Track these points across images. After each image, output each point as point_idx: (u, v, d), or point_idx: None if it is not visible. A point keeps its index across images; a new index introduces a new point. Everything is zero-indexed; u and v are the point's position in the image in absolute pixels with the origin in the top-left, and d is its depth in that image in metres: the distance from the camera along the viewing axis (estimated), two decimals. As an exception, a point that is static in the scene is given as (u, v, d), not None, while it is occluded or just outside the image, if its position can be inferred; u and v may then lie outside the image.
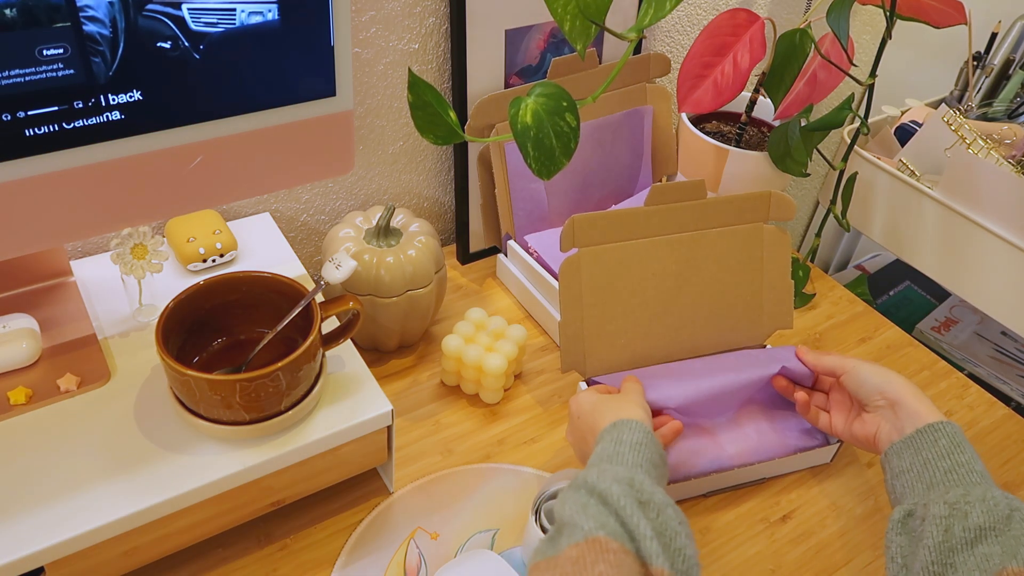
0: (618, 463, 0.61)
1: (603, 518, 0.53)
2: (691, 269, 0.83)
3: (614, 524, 0.53)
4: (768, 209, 0.84)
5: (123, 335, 0.72)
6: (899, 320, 1.07)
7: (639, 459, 0.61)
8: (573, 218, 0.77)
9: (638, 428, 0.64)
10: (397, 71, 0.92)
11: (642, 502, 0.55)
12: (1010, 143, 0.98)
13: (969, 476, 0.61)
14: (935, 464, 0.63)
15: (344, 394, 0.69)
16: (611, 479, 0.56)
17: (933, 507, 0.60)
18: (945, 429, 0.65)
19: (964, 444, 0.64)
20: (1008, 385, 1.15)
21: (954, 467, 0.62)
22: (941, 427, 0.65)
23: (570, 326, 0.80)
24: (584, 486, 0.57)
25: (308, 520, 0.73)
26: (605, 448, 0.63)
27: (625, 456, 0.62)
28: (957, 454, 0.63)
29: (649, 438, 0.64)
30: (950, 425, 0.65)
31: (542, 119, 0.64)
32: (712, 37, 0.92)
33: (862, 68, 0.94)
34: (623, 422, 0.65)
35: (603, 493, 0.55)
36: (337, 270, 0.68)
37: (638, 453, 0.62)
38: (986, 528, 0.57)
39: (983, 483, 0.61)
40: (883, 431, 0.70)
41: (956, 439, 0.64)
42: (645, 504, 0.55)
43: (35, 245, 0.59)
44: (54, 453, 0.62)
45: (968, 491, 0.60)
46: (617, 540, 0.52)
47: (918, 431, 0.66)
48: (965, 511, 0.58)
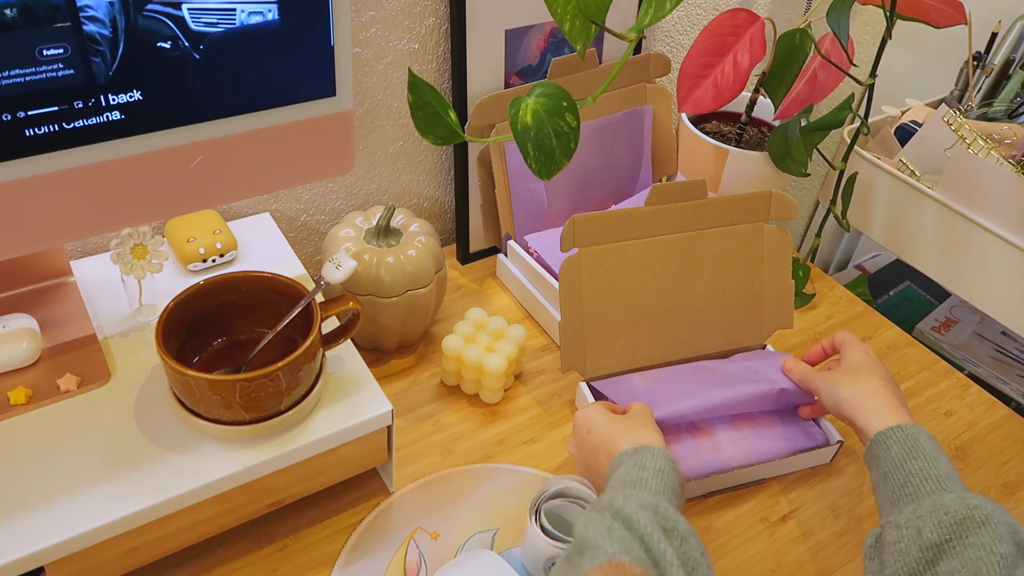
0: (642, 488, 0.60)
1: (628, 543, 0.53)
2: (691, 269, 0.83)
3: (639, 550, 0.53)
4: (769, 209, 0.84)
5: (123, 335, 0.72)
6: (899, 320, 1.07)
7: (662, 486, 0.61)
8: (573, 218, 0.77)
9: (661, 455, 0.64)
10: (397, 71, 0.92)
11: (667, 529, 0.55)
12: (1010, 143, 0.98)
13: (923, 485, 0.60)
14: (892, 477, 0.63)
15: (344, 394, 0.69)
16: (636, 504, 0.56)
17: (888, 532, 0.59)
18: (896, 435, 0.64)
19: (917, 448, 0.63)
20: (1008, 385, 1.15)
21: (908, 478, 0.61)
22: (892, 434, 0.64)
23: (570, 326, 0.80)
24: (609, 509, 0.56)
25: (308, 520, 0.73)
26: (628, 472, 0.63)
27: (649, 482, 0.61)
28: (911, 462, 0.62)
29: (671, 466, 0.64)
30: (900, 429, 0.64)
31: (542, 119, 0.64)
32: (712, 37, 0.92)
33: (862, 68, 0.93)
34: (645, 448, 0.65)
35: (628, 518, 0.55)
36: (337, 270, 0.68)
37: (661, 480, 0.62)
38: (941, 543, 0.56)
39: (937, 490, 0.60)
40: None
41: (908, 444, 0.63)
42: (670, 532, 0.55)
43: (35, 245, 0.59)
44: (54, 453, 0.62)
45: (920, 504, 0.59)
46: (641, 566, 0.51)
47: (871, 442, 0.66)
48: (918, 527, 0.57)
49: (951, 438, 0.88)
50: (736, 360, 0.85)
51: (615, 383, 0.82)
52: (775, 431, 0.80)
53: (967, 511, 0.57)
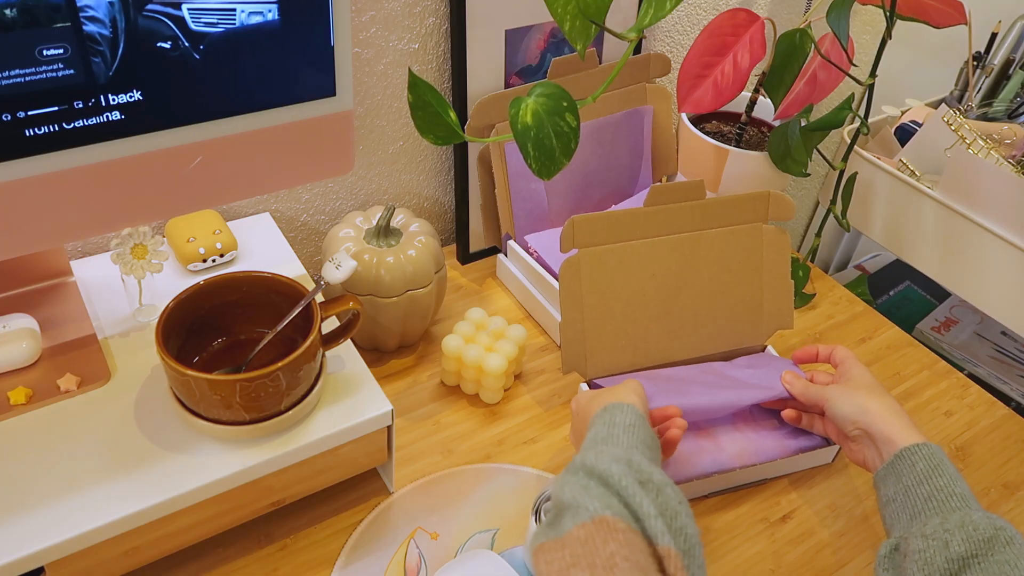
0: (614, 444, 0.61)
1: (607, 499, 0.53)
2: (691, 269, 0.83)
3: (618, 504, 0.53)
4: (767, 209, 0.84)
5: (123, 335, 0.72)
6: (899, 320, 1.07)
7: (633, 440, 0.61)
8: (573, 219, 0.77)
9: (630, 411, 0.64)
10: (397, 71, 0.92)
11: (642, 482, 0.55)
12: (1010, 143, 0.98)
13: (949, 501, 0.61)
14: (915, 491, 0.63)
15: (344, 394, 0.69)
16: (609, 459, 0.56)
17: (912, 541, 0.59)
18: (922, 452, 0.64)
19: (943, 466, 0.63)
20: (1008, 385, 1.15)
21: (933, 492, 0.62)
22: (917, 450, 0.65)
23: (570, 327, 0.80)
24: (582, 468, 0.56)
25: (308, 520, 0.73)
26: (598, 431, 0.63)
27: (619, 437, 0.61)
28: (936, 478, 0.62)
29: (640, 420, 0.64)
30: (926, 447, 0.65)
31: (542, 119, 0.64)
32: (712, 37, 0.92)
33: (862, 68, 0.93)
34: (614, 405, 0.65)
35: (603, 474, 0.55)
36: (337, 270, 0.68)
37: (631, 435, 0.62)
38: (968, 557, 0.56)
39: (963, 507, 0.60)
40: (869, 458, 0.70)
41: (934, 461, 0.64)
42: (645, 484, 0.55)
43: (35, 245, 0.59)
44: (54, 453, 0.62)
45: (947, 518, 0.59)
46: (623, 520, 0.51)
47: (895, 457, 0.66)
48: (945, 540, 0.57)
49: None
50: (738, 365, 0.85)
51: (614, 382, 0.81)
52: (776, 431, 0.80)
53: (994, 531, 0.57)
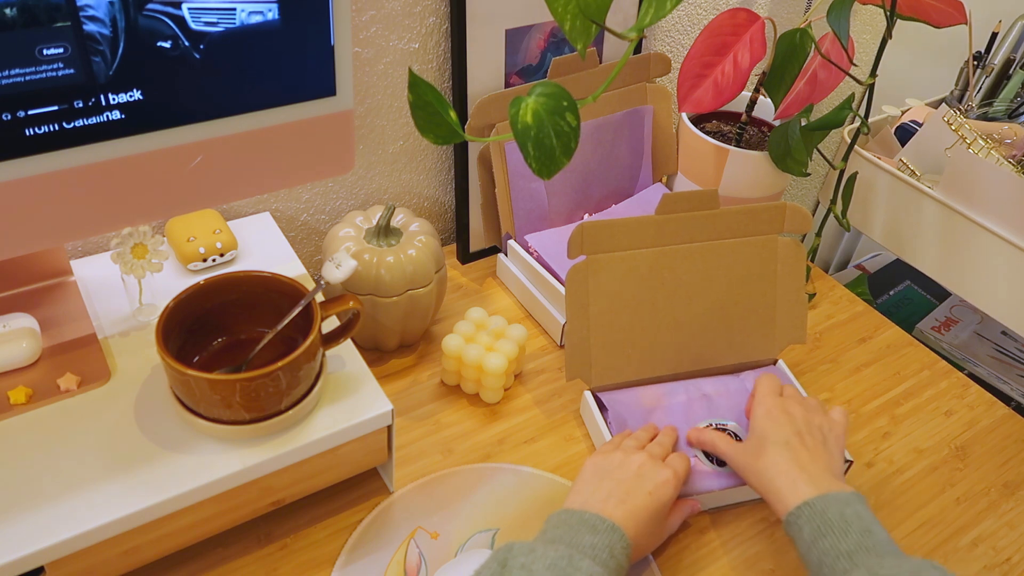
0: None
1: None
2: (702, 280, 0.82)
3: None
4: (783, 221, 0.82)
5: (123, 335, 0.72)
6: (899, 320, 1.07)
7: None
8: (583, 225, 0.76)
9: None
10: (397, 71, 0.92)
11: None
12: (1010, 143, 0.98)
13: (836, 564, 0.60)
14: (809, 559, 0.63)
15: (344, 394, 0.69)
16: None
17: None
18: (804, 514, 0.64)
19: (827, 524, 0.62)
20: (1008, 385, 1.15)
21: (822, 558, 0.61)
22: (800, 513, 0.64)
23: (575, 334, 0.79)
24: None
25: (308, 520, 0.73)
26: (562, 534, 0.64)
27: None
28: (820, 540, 0.62)
29: None
30: (808, 507, 0.64)
31: (542, 119, 0.64)
32: (712, 37, 0.92)
33: (862, 68, 0.94)
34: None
35: None
36: (337, 270, 0.68)
37: None
38: None
39: (849, 569, 0.60)
40: None
41: (816, 521, 0.63)
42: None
43: (35, 245, 0.59)
44: (54, 453, 0.62)
45: None
46: None
47: (784, 524, 0.66)
48: None
49: (951, 438, 0.88)
50: (737, 391, 0.84)
51: (620, 395, 0.81)
52: None
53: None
